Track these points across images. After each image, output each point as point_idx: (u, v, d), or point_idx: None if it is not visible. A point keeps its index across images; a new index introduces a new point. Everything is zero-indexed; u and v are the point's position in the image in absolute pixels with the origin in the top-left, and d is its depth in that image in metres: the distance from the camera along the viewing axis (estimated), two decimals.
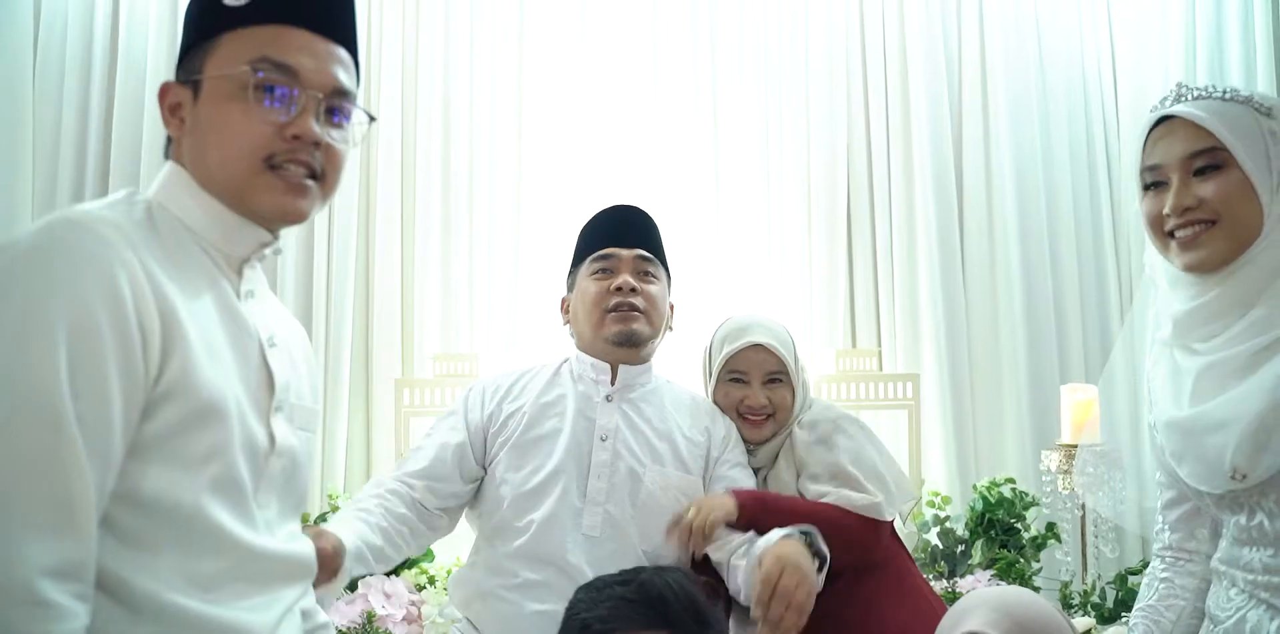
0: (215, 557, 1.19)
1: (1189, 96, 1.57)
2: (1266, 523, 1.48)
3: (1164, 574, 1.70)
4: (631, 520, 2.03)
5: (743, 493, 2.06)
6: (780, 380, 2.23)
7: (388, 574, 2.86)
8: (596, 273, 2.16)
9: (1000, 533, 3.08)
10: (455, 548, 3.11)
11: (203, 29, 1.28)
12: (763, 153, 3.72)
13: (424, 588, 2.88)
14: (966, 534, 3.09)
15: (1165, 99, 1.60)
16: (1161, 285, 1.63)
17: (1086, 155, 3.78)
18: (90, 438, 1.08)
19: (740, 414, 2.23)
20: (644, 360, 2.18)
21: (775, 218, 3.70)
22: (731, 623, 2.12)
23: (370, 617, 2.69)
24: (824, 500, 2.07)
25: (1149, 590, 1.72)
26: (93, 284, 1.11)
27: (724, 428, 2.20)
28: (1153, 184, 1.57)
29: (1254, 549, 1.51)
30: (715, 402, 2.25)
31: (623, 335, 2.12)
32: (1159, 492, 1.71)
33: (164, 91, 1.29)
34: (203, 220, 1.27)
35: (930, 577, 2.95)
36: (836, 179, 3.68)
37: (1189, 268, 1.54)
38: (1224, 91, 1.55)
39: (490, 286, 3.64)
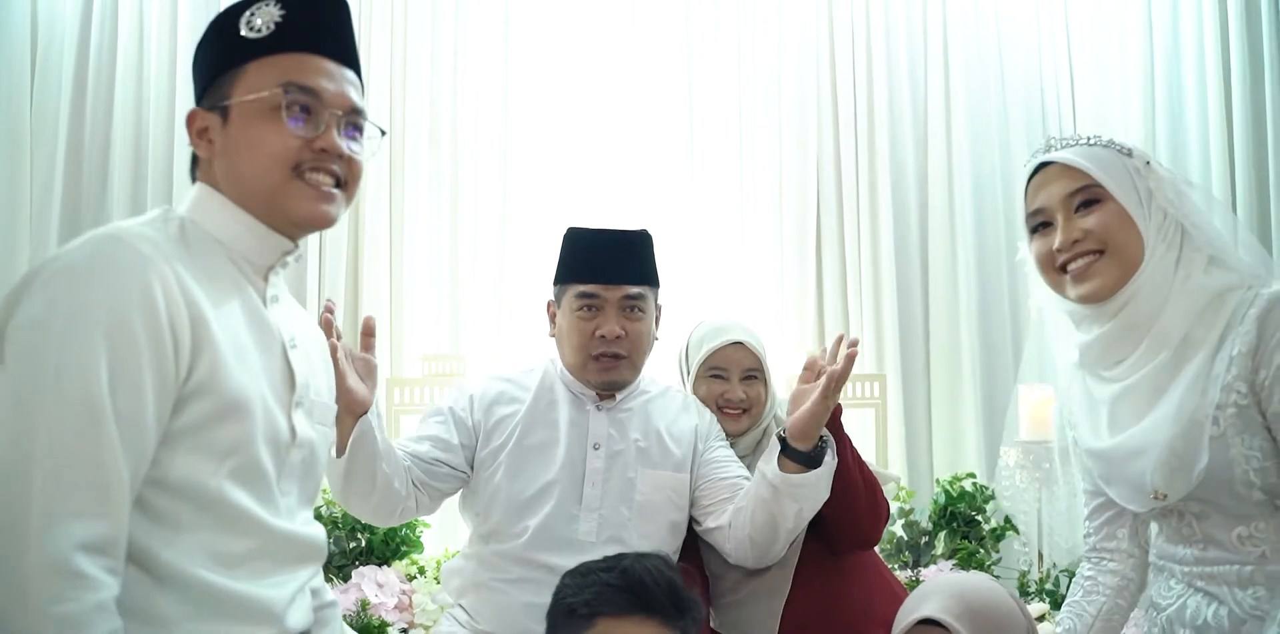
0: (240, 537, 1.27)
1: (1058, 146, 1.69)
2: (1195, 524, 1.61)
3: (1088, 572, 1.81)
4: (628, 523, 2.07)
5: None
6: (756, 377, 2.31)
7: (379, 565, 2.91)
8: (581, 309, 2.14)
9: (962, 525, 3.16)
10: (444, 540, 3.20)
11: (226, 60, 1.38)
12: (736, 166, 3.82)
13: (414, 578, 2.93)
14: (930, 526, 3.17)
15: (1037, 151, 1.72)
16: (1061, 322, 1.73)
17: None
18: (125, 430, 1.17)
19: (719, 408, 2.29)
20: (630, 386, 2.21)
21: (749, 227, 3.80)
22: (712, 611, 2.21)
23: (364, 605, 2.75)
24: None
25: (1076, 589, 1.83)
26: (131, 294, 1.20)
27: (705, 420, 2.24)
28: (1039, 226, 1.67)
29: (1185, 546, 1.63)
30: (697, 395, 2.30)
31: (606, 385, 2.16)
32: (1085, 499, 1.82)
33: (191, 118, 1.39)
34: (234, 232, 1.36)
35: (895, 566, 3.03)
36: (806, 192, 3.79)
37: (1084, 299, 1.63)
38: (1088, 138, 1.68)
39: (475, 288, 3.70)
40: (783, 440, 1.98)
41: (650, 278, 2.20)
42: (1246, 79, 3.74)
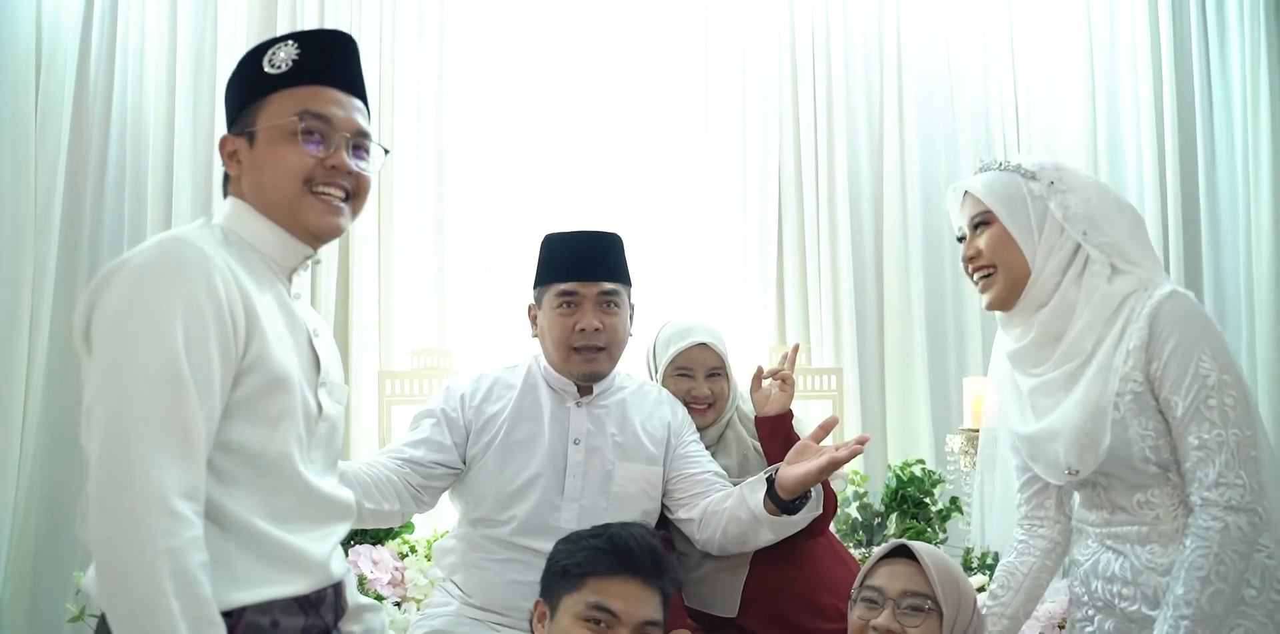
0: (284, 494, 1.44)
1: (980, 170, 1.94)
2: (1103, 493, 1.84)
3: (1021, 537, 2.03)
4: (606, 512, 2.18)
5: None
6: (719, 374, 2.45)
7: (374, 544, 3.02)
8: (561, 307, 2.23)
9: (911, 506, 3.28)
10: (433, 520, 3.28)
11: (252, 92, 1.55)
12: (704, 174, 3.94)
13: (406, 555, 3.03)
14: (882, 508, 3.30)
15: (957, 183, 1.98)
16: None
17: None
18: (202, 397, 1.34)
19: (686, 404, 2.42)
20: (607, 377, 2.30)
21: (715, 231, 3.92)
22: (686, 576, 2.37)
23: (361, 580, 2.85)
24: None
25: (1010, 551, 2.05)
26: (199, 285, 1.38)
27: (678, 414, 2.36)
28: (960, 238, 1.95)
29: (1097, 511, 1.87)
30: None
31: (587, 376, 2.25)
32: (1017, 474, 2.04)
33: (224, 142, 1.56)
34: (264, 238, 1.54)
35: (850, 545, 3.14)
36: (769, 199, 3.92)
37: (988, 307, 1.91)
38: (1001, 164, 1.91)
39: (460, 286, 3.79)
40: (770, 482, 2.09)
41: (623, 276, 2.30)
42: (1175, 99, 3.91)
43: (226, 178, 1.59)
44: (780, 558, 2.31)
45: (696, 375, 2.43)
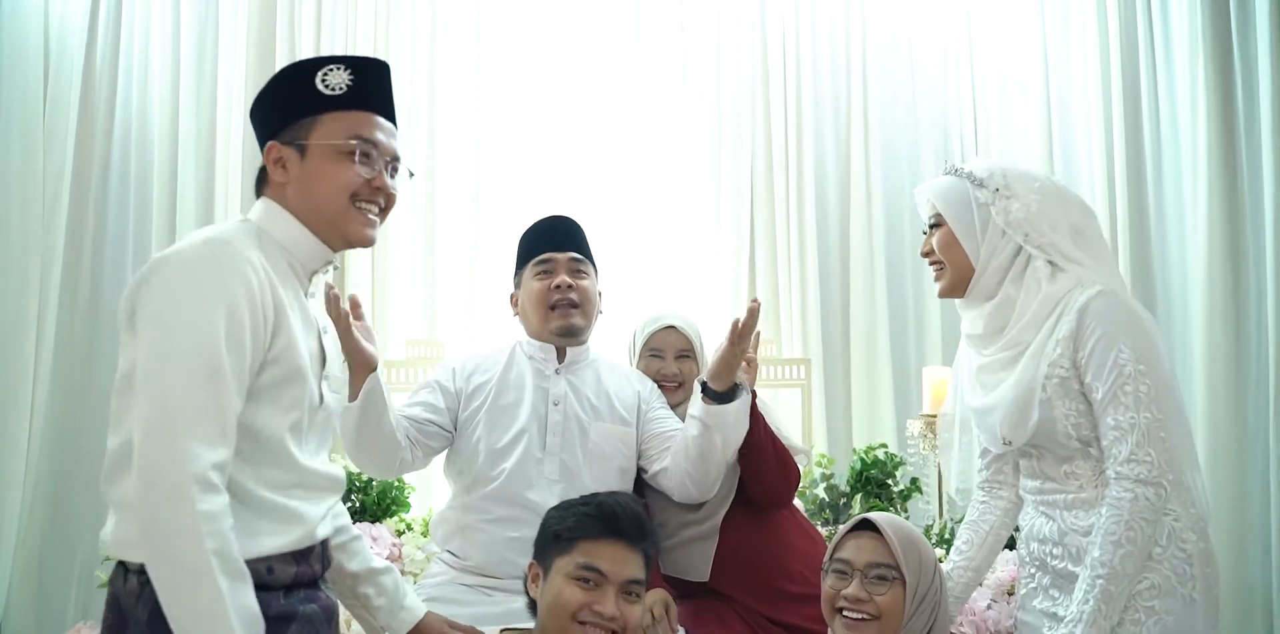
0: (282, 470, 1.59)
1: (943, 173, 2.13)
2: (1036, 463, 2.05)
3: (982, 498, 2.24)
4: (583, 466, 2.38)
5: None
6: (688, 356, 2.61)
7: (372, 522, 3.15)
8: (539, 274, 2.46)
9: (875, 487, 3.39)
10: (428, 500, 3.44)
11: (305, 108, 1.68)
12: (683, 174, 4.07)
13: (402, 533, 3.17)
14: (848, 489, 3.41)
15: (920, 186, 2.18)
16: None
17: None
18: (236, 382, 1.49)
19: (656, 382, 2.59)
20: (583, 343, 2.51)
21: (691, 229, 4.04)
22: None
23: None
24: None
25: (972, 511, 2.26)
26: (237, 281, 1.52)
27: (647, 386, 2.56)
28: (924, 233, 2.15)
29: (1032, 480, 2.08)
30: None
31: (564, 329, 2.45)
32: (978, 444, 2.24)
33: (271, 149, 1.67)
34: (295, 240, 1.67)
35: (818, 523, 3.27)
36: (742, 199, 4.05)
37: (939, 295, 2.14)
38: (956, 169, 2.10)
39: (450, 280, 3.91)
40: (703, 384, 2.29)
41: (587, 253, 2.53)
42: (1123, 105, 4.01)
43: (260, 179, 1.71)
44: (748, 527, 2.47)
45: (666, 356, 2.61)
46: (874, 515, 2.12)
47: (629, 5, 4.10)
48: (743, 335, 2.21)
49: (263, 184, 1.72)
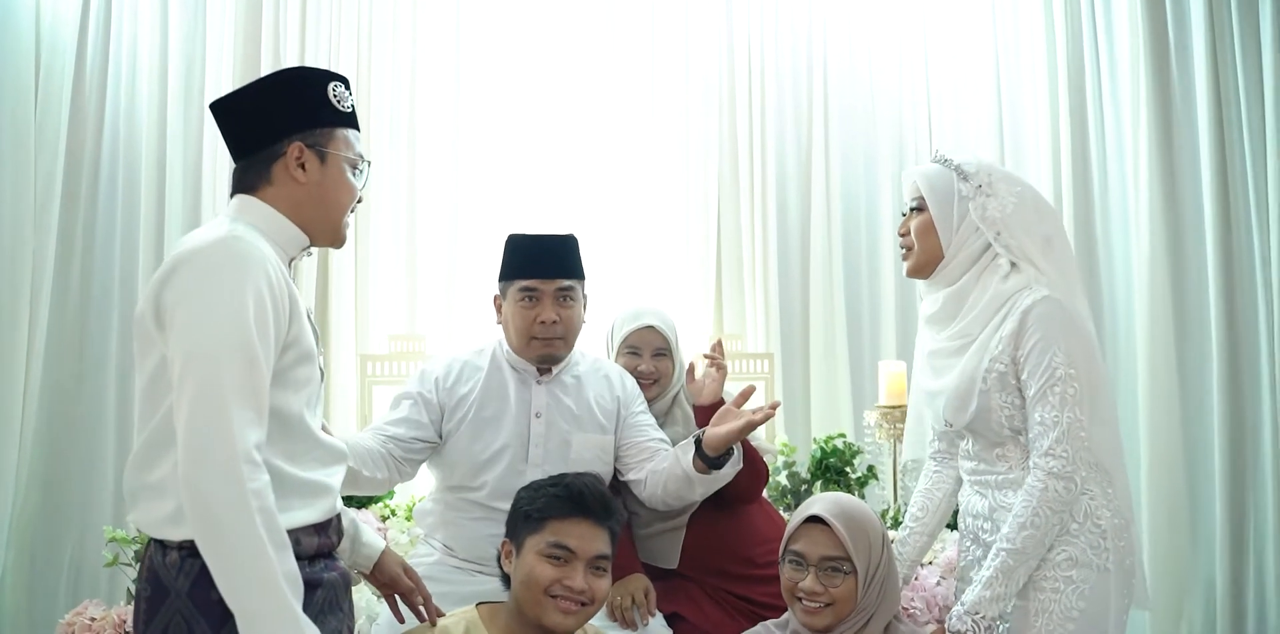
0: (298, 442, 1.68)
1: (931, 160, 2.22)
2: (973, 446, 2.20)
3: (935, 468, 2.38)
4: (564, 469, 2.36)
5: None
6: (664, 354, 2.68)
7: (358, 508, 3.19)
8: (523, 300, 2.43)
9: (834, 475, 3.47)
10: (410, 488, 3.42)
11: (325, 118, 1.76)
12: (651, 180, 4.13)
13: (387, 518, 3.24)
14: (808, 476, 3.49)
15: (908, 169, 2.28)
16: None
17: (896, 187, 4.05)
18: (266, 368, 1.58)
19: (636, 381, 2.66)
20: (564, 360, 2.51)
21: (660, 231, 4.11)
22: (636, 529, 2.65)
23: None
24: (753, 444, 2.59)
25: (925, 480, 2.39)
26: (260, 273, 1.61)
27: (628, 388, 2.57)
28: (904, 212, 2.25)
29: (969, 461, 2.24)
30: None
31: (546, 359, 2.47)
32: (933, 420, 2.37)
33: (295, 149, 1.73)
34: (282, 233, 1.74)
35: (781, 508, 3.34)
36: (709, 205, 4.11)
37: (907, 273, 2.24)
38: (945, 159, 2.19)
39: (431, 276, 3.96)
40: (698, 442, 2.31)
41: (577, 273, 2.49)
42: (1070, 111, 4.11)
43: (246, 175, 1.75)
44: (716, 518, 2.59)
45: (644, 354, 2.67)
46: (821, 507, 2.20)
47: (602, 13, 4.18)
48: (753, 424, 2.25)
49: (249, 180, 1.76)
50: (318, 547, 1.70)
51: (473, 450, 2.42)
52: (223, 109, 1.80)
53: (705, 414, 2.48)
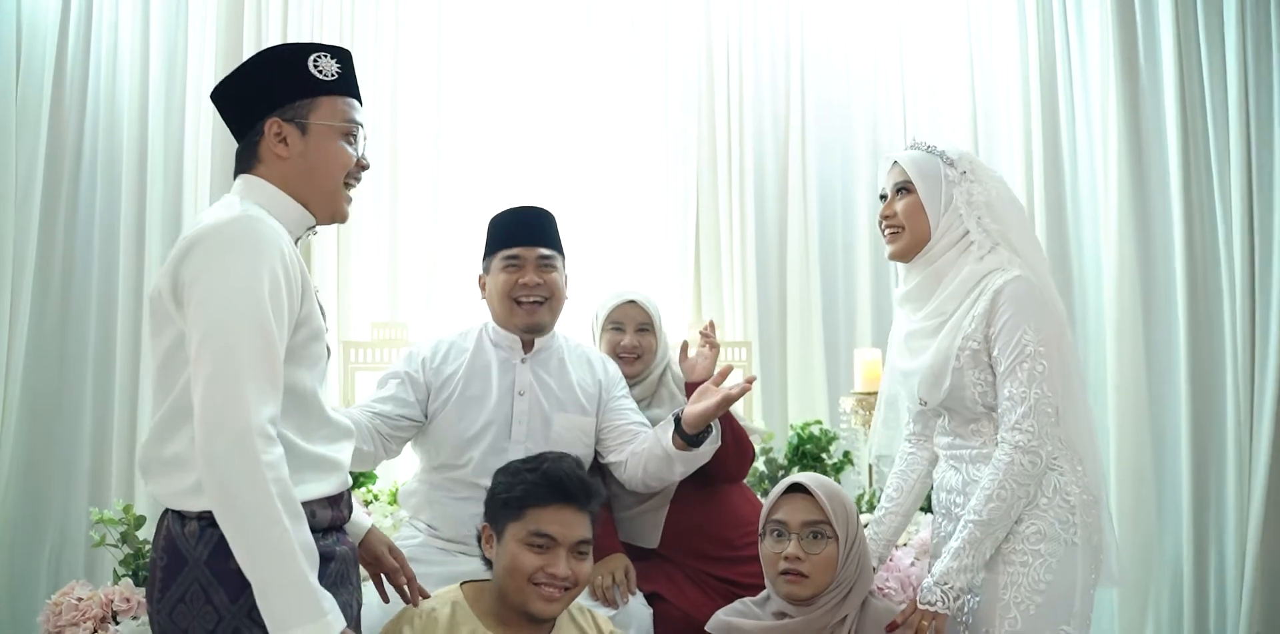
0: (310, 418, 1.70)
1: (910, 147, 2.27)
2: (948, 422, 2.25)
3: (910, 450, 2.42)
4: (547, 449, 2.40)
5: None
6: (648, 330, 2.72)
7: None
8: (507, 268, 2.47)
9: (810, 460, 3.52)
10: (392, 473, 3.53)
11: (305, 90, 1.76)
12: (632, 171, 4.16)
13: (370, 502, 3.27)
14: (785, 462, 3.52)
15: (895, 153, 2.31)
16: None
17: (874, 176, 4.13)
18: (280, 345, 1.60)
19: (618, 354, 2.70)
20: (548, 333, 2.55)
21: (641, 221, 4.15)
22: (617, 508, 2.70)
23: None
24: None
25: (900, 461, 2.44)
26: (275, 253, 1.62)
27: (610, 372, 2.60)
28: (881, 197, 2.29)
29: (945, 436, 2.28)
30: (602, 348, 2.71)
31: (530, 326, 2.50)
32: (904, 404, 2.42)
33: (273, 124, 1.73)
34: (286, 211, 1.74)
35: (759, 494, 3.26)
36: (688, 196, 4.15)
37: (890, 256, 2.27)
38: (928, 146, 2.24)
39: (412, 265, 3.98)
40: (677, 419, 2.34)
41: (557, 245, 2.54)
42: (1042, 104, 4.16)
43: (242, 157, 1.77)
44: (698, 499, 2.63)
45: (627, 329, 2.71)
46: (801, 477, 2.28)
47: (584, 4, 4.21)
48: (730, 399, 2.30)
49: (247, 162, 1.78)
50: (331, 519, 1.72)
51: (458, 428, 2.45)
52: (216, 96, 1.82)
53: (695, 389, 2.51)
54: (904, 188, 2.23)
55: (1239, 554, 3.79)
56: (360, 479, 3.36)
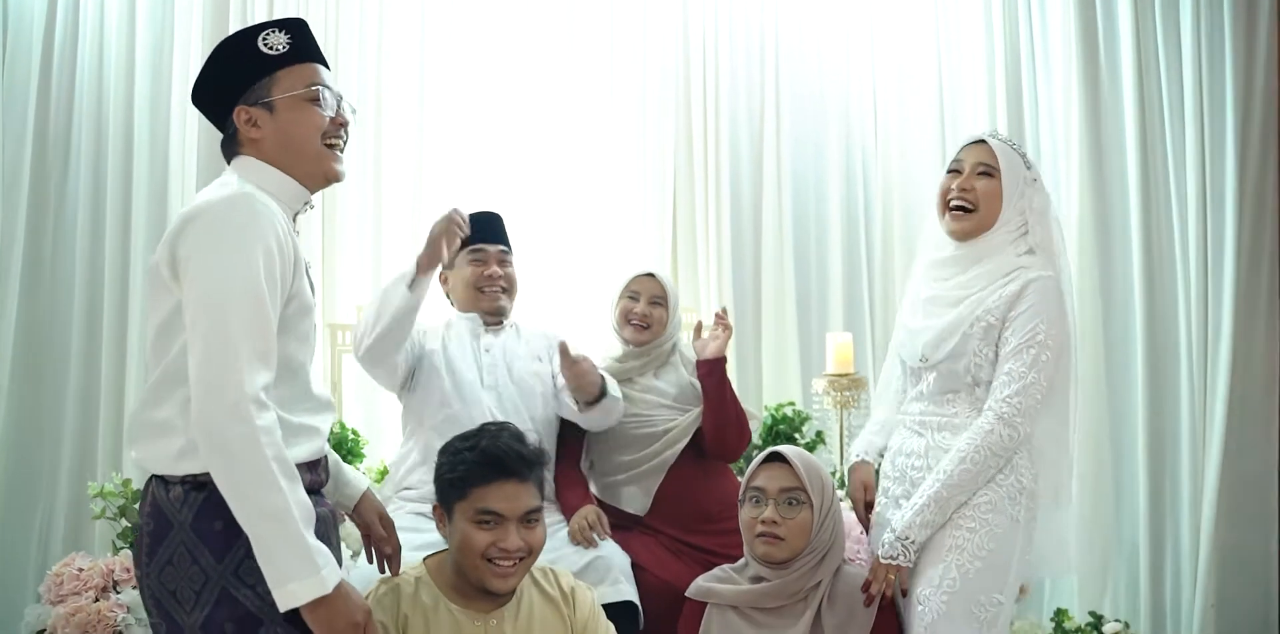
0: (295, 390, 1.74)
1: (997, 136, 2.37)
2: (926, 388, 2.34)
3: (882, 415, 2.53)
4: (516, 396, 2.76)
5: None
6: (660, 304, 2.88)
7: None
8: (474, 261, 2.83)
9: (785, 440, 3.56)
10: (379, 451, 3.57)
11: (259, 70, 1.78)
12: (610, 156, 4.21)
13: None
14: (760, 442, 3.48)
15: (984, 132, 2.41)
16: (932, 237, 2.42)
17: (845, 167, 4.31)
18: (273, 316, 1.65)
19: (628, 320, 2.87)
20: (508, 317, 2.90)
21: (619, 209, 4.19)
22: (595, 482, 2.87)
23: None
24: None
25: (873, 425, 2.56)
26: (268, 227, 1.67)
27: (561, 337, 2.81)
28: (953, 170, 2.37)
29: (918, 403, 2.37)
30: (616, 314, 2.90)
31: (495, 310, 2.86)
32: (888, 366, 2.52)
33: (241, 112, 1.77)
34: (279, 187, 1.78)
35: (736, 473, 3.31)
36: (665, 185, 4.19)
37: (951, 233, 2.34)
38: (1013, 143, 2.36)
39: (395, 250, 3.98)
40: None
41: (509, 244, 2.91)
42: (1008, 102, 4.24)
43: (227, 146, 1.81)
44: (691, 473, 2.78)
45: (641, 299, 2.87)
46: (780, 448, 2.40)
47: (564, 2, 4.27)
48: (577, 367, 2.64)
49: (231, 150, 1.83)
50: (309, 483, 1.75)
51: (444, 381, 2.74)
52: (195, 99, 1.87)
53: (704, 366, 2.79)
54: (988, 171, 2.31)
55: (1193, 536, 3.91)
56: (347, 458, 3.39)
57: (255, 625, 1.63)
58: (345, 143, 1.88)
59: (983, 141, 2.34)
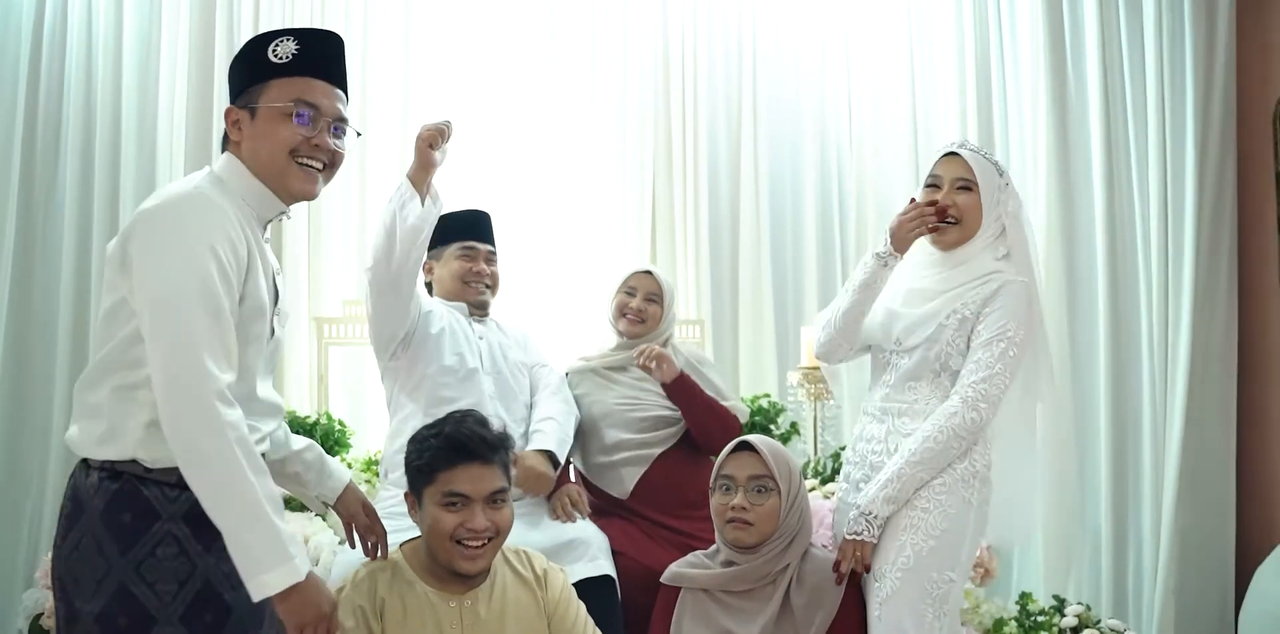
0: (245, 396, 1.71)
1: (968, 147, 2.46)
2: (894, 373, 2.44)
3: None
4: (509, 375, 2.88)
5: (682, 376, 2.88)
6: (655, 301, 3.01)
7: None
8: (463, 256, 2.91)
9: (760, 431, 3.57)
10: (366, 442, 3.64)
11: (256, 75, 1.80)
12: (590, 157, 4.27)
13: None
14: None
15: (954, 143, 2.50)
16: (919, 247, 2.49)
17: (820, 166, 4.36)
18: (230, 316, 1.65)
19: (622, 313, 2.99)
20: (488, 311, 3.01)
21: (598, 208, 4.25)
22: (582, 463, 2.98)
23: None
24: (724, 404, 2.92)
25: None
26: (218, 228, 1.67)
27: (528, 335, 3.08)
28: (930, 185, 2.46)
29: (883, 389, 2.47)
30: (612, 308, 3.02)
31: (480, 304, 2.95)
32: (873, 359, 2.59)
33: (229, 112, 1.81)
34: (251, 192, 1.79)
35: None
36: (644, 184, 4.24)
37: (940, 247, 2.44)
38: (984, 152, 2.46)
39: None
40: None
41: (494, 243, 2.99)
42: (978, 106, 4.29)
43: (225, 139, 1.83)
44: (677, 462, 2.88)
45: (637, 294, 3.00)
46: (749, 437, 2.48)
47: (545, 6, 4.33)
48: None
49: (224, 146, 1.86)
50: None
51: (439, 359, 2.77)
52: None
53: (668, 390, 2.91)
54: (967, 185, 2.40)
55: (1154, 522, 4.00)
56: (335, 449, 3.45)
57: (149, 624, 1.62)
58: (329, 165, 1.85)
59: (956, 154, 2.43)
